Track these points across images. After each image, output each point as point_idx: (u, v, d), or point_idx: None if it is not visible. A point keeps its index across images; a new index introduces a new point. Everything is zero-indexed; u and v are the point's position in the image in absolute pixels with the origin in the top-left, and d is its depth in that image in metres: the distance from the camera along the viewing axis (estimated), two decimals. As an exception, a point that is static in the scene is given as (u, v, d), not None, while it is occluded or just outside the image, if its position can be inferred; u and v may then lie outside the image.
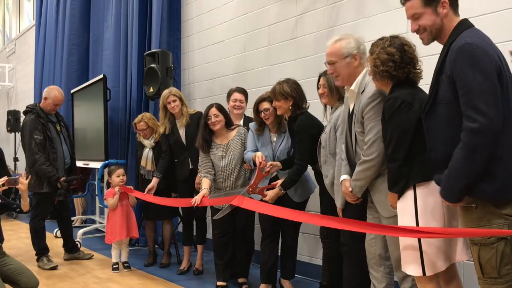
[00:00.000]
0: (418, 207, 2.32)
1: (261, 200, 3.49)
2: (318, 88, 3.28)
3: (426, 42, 2.22)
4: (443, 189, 2.10)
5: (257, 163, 3.45)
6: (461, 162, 1.99)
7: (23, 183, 3.63)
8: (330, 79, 3.07)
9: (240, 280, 4.06)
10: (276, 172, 3.59)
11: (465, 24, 2.13)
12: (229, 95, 4.32)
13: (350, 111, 2.79)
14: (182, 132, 4.55)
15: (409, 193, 2.36)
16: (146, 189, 4.53)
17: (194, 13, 5.77)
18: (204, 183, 3.89)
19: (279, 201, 3.48)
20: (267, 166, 3.45)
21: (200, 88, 5.68)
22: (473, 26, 2.13)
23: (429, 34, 2.17)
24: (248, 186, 3.51)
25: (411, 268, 2.36)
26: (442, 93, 2.08)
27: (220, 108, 3.90)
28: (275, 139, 3.68)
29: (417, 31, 2.21)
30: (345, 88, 2.85)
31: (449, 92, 2.04)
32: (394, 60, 2.39)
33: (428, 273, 2.30)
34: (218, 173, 3.93)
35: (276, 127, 3.68)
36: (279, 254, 3.80)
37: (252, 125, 3.81)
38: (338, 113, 3.08)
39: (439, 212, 2.30)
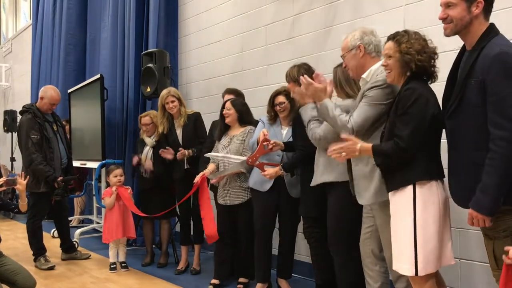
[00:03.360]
0: (417, 205, 2.31)
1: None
2: None
3: (448, 33, 2.23)
4: (478, 204, 2.09)
5: (261, 138, 3.49)
6: (497, 172, 2.02)
7: (21, 183, 3.60)
8: (338, 74, 3.03)
9: (241, 280, 4.02)
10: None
11: (494, 30, 2.17)
12: (223, 96, 4.33)
13: None
14: (179, 132, 4.54)
15: (409, 190, 2.33)
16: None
17: (191, 13, 5.77)
18: (210, 166, 4.00)
19: (278, 196, 3.56)
20: (270, 143, 3.47)
21: (197, 87, 5.67)
22: (500, 33, 2.17)
23: (454, 27, 2.19)
24: (247, 157, 3.56)
25: (404, 267, 2.35)
26: (471, 97, 2.12)
27: (234, 103, 3.97)
28: (284, 132, 3.70)
29: (443, 19, 2.21)
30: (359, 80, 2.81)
31: (478, 97, 2.09)
32: (426, 51, 2.35)
33: (420, 273, 2.30)
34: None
35: (288, 120, 3.71)
36: (276, 253, 3.80)
37: (264, 117, 3.84)
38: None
39: (436, 212, 2.31)
